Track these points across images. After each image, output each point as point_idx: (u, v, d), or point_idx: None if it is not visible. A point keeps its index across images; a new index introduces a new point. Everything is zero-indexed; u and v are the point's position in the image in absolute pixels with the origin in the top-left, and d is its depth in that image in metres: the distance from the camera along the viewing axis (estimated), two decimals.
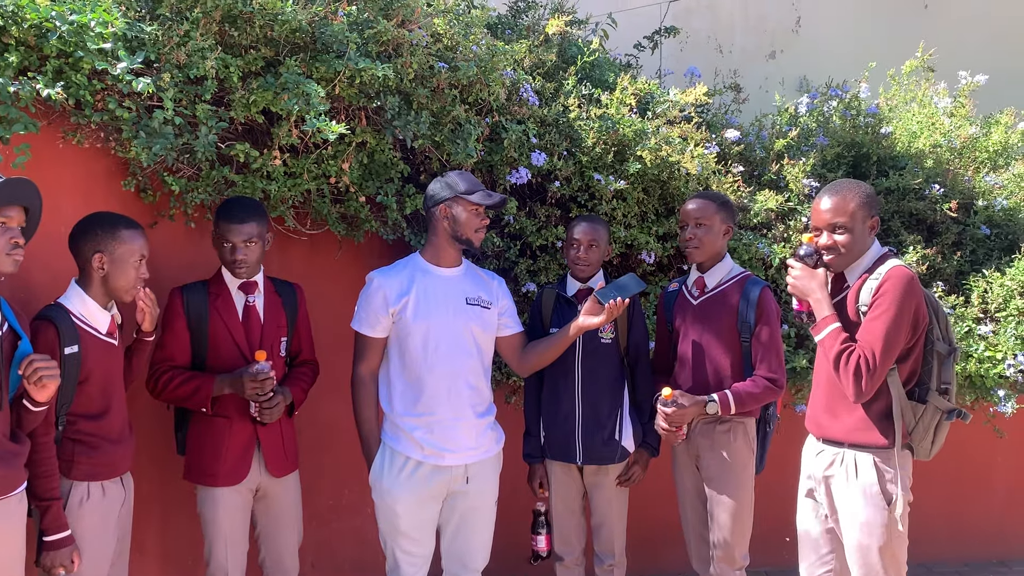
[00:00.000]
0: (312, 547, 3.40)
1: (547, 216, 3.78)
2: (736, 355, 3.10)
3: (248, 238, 2.87)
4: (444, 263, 2.95)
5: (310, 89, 2.89)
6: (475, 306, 2.95)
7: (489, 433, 3.00)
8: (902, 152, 4.75)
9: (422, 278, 2.92)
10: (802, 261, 2.72)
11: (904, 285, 2.58)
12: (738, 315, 3.07)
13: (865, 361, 2.55)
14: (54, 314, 2.52)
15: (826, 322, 2.66)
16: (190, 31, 2.83)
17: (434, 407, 2.86)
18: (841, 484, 2.70)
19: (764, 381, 3.04)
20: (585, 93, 3.95)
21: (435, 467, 2.87)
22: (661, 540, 4.01)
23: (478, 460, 2.95)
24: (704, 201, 3.13)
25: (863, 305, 2.65)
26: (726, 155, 4.27)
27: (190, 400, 2.88)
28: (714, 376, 3.09)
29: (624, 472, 3.23)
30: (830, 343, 2.63)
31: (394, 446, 2.89)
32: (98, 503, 2.60)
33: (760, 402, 3.07)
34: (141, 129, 2.79)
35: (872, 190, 2.73)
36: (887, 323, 2.56)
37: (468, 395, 2.91)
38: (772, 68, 6.18)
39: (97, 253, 2.56)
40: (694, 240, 3.11)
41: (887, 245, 4.39)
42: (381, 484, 2.89)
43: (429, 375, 2.86)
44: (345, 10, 3.12)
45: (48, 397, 2.31)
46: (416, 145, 3.34)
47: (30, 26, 2.55)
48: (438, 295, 2.90)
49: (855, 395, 2.59)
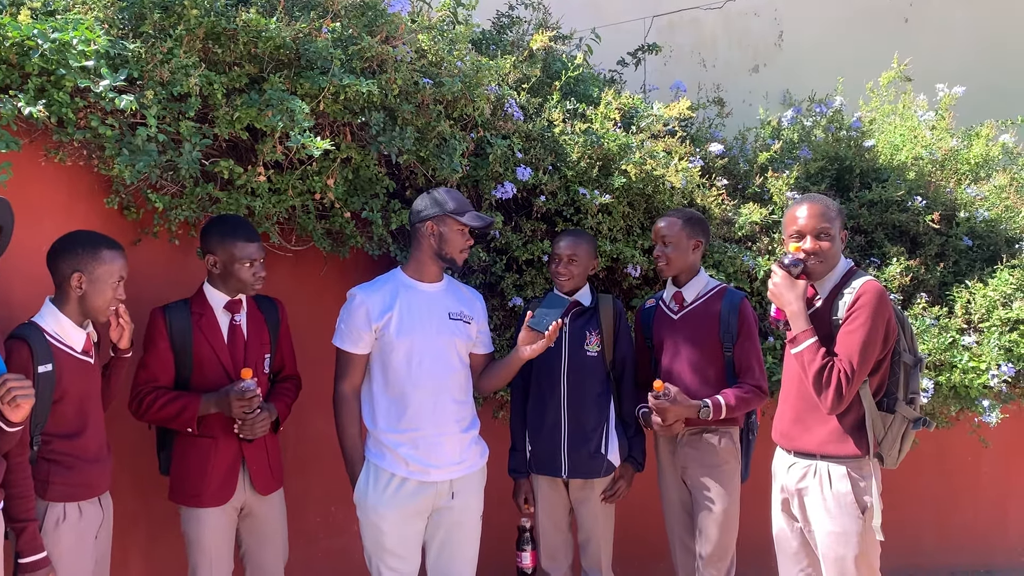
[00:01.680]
0: (299, 565, 3.37)
1: (533, 231, 3.79)
2: (719, 365, 3.14)
3: (262, 253, 2.93)
4: (427, 278, 2.96)
5: (294, 105, 2.89)
6: (458, 321, 2.96)
7: (474, 448, 3.00)
8: (885, 164, 4.79)
9: (405, 293, 2.92)
10: (786, 269, 2.75)
11: (877, 299, 2.63)
12: (720, 325, 3.12)
13: (844, 375, 2.59)
14: (27, 333, 2.49)
15: (804, 336, 2.68)
16: (173, 48, 2.83)
17: (419, 423, 2.85)
18: (815, 496, 2.72)
19: (751, 387, 3.10)
20: (570, 108, 3.97)
21: (420, 483, 2.86)
22: (648, 554, 4.00)
23: (463, 475, 2.94)
24: (670, 219, 3.20)
25: (838, 319, 2.68)
26: (710, 168, 4.29)
27: (175, 420, 2.85)
28: (700, 386, 3.12)
29: (609, 487, 3.23)
30: (809, 357, 2.65)
31: (378, 463, 2.88)
32: (74, 524, 2.57)
33: (749, 407, 3.12)
34: (124, 146, 2.78)
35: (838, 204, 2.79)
36: (863, 336, 2.60)
37: (453, 410, 2.91)
38: (755, 82, 6.23)
39: (76, 272, 2.54)
40: (662, 258, 3.19)
41: (870, 256, 4.42)
42: (366, 502, 2.88)
43: (413, 391, 2.86)
44: (329, 27, 3.12)
45: (22, 417, 2.28)
46: (401, 160, 3.34)
47: (12, 44, 2.53)
48: (422, 311, 2.90)
49: (832, 407, 2.62)
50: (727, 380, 3.14)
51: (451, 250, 2.90)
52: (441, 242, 2.90)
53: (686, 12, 6.44)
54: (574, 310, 3.24)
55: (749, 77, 6.36)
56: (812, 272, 2.76)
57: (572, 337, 3.22)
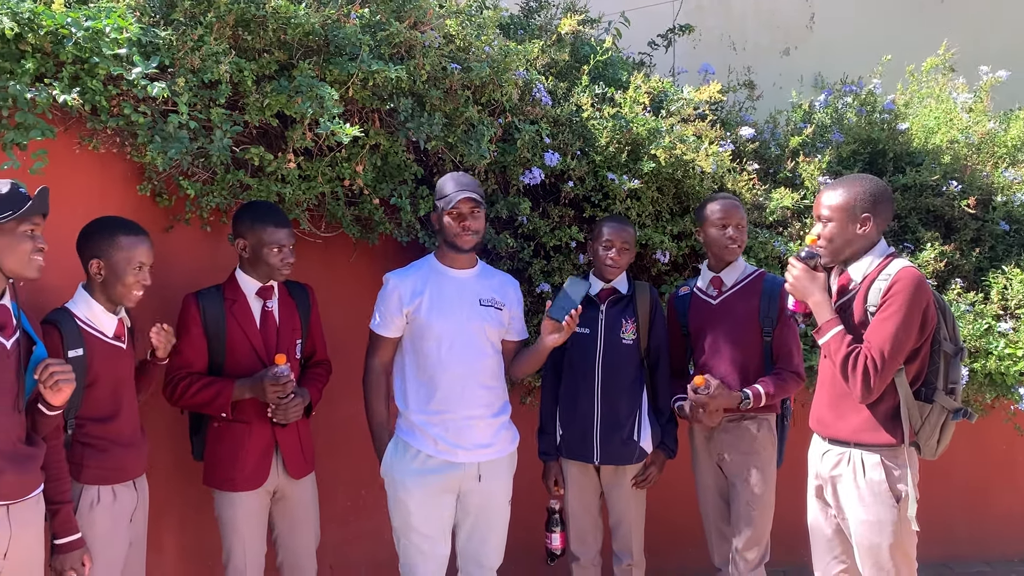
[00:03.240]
0: (330, 548, 3.41)
1: (560, 216, 3.77)
2: (757, 350, 3.14)
3: (292, 240, 2.94)
4: (457, 265, 2.97)
5: (324, 92, 2.90)
6: (489, 307, 2.96)
7: (503, 432, 3.01)
8: (919, 148, 4.71)
9: (436, 279, 2.94)
10: (803, 262, 2.74)
11: (914, 286, 2.57)
12: (760, 311, 3.12)
13: (872, 362, 2.55)
14: (58, 318, 2.54)
15: (829, 325, 2.66)
16: (204, 36, 2.85)
17: (448, 406, 2.88)
18: (848, 484, 2.69)
19: (789, 374, 3.11)
20: (598, 92, 3.94)
21: (446, 462, 2.89)
22: (680, 539, 3.99)
23: (491, 459, 2.95)
24: (736, 203, 3.20)
25: (871, 306, 2.64)
26: (741, 153, 4.24)
27: (210, 406, 2.88)
28: (740, 372, 3.12)
29: (640, 473, 3.23)
30: (835, 346, 2.63)
31: (408, 440, 2.93)
32: (108, 507, 2.61)
33: (786, 394, 3.13)
34: (156, 134, 2.81)
35: (877, 188, 2.72)
36: (896, 324, 2.55)
37: (482, 394, 2.93)
38: (786, 65, 6.14)
39: (94, 259, 2.58)
40: (736, 241, 3.17)
41: (904, 242, 4.36)
42: (392, 475, 2.93)
43: (443, 375, 2.88)
44: (358, 12, 3.13)
45: (63, 401, 2.34)
46: (429, 147, 3.34)
47: (46, 33, 2.56)
48: (452, 296, 2.91)
49: (862, 396, 2.59)
50: (764, 365, 3.14)
51: (449, 234, 2.92)
52: (443, 229, 2.93)
53: None
54: (610, 297, 3.24)
55: (780, 60, 6.27)
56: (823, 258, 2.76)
57: (608, 324, 3.21)
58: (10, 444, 2.26)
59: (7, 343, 2.28)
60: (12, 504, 2.26)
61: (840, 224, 2.70)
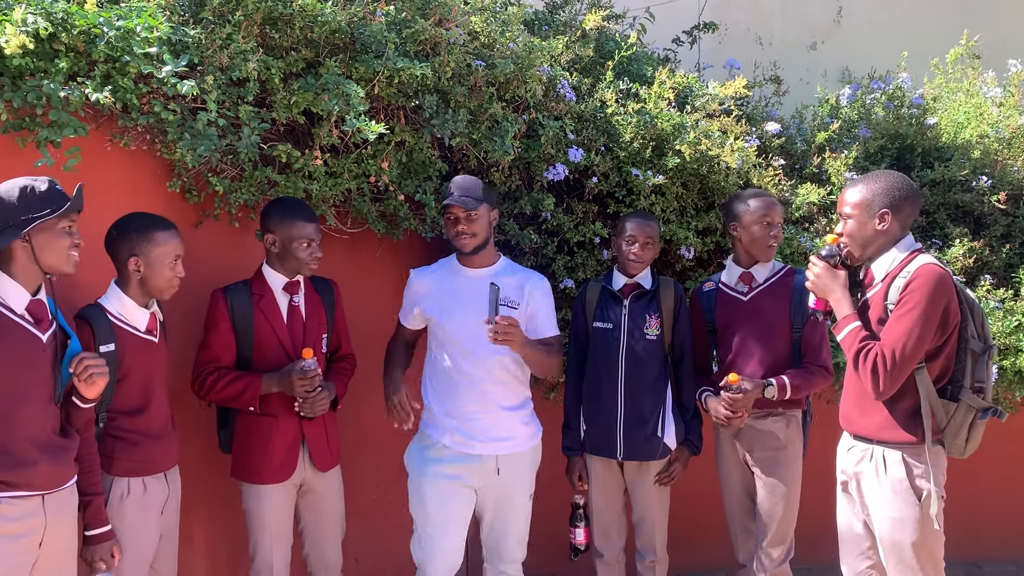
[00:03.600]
0: (355, 542, 3.44)
1: (584, 212, 3.78)
2: (787, 345, 3.15)
3: (319, 235, 2.99)
4: (472, 264, 3.02)
5: (350, 89, 2.93)
6: (504, 306, 2.96)
7: (522, 427, 3.03)
8: (948, 143, 4.66)
9: (452, 278, 3.02)
10: (824, 260, 2.75)
11: (932, 284, 2.55)
12: (791, 305, 3.12)
13: (883, 359, 2.54)
14: (90, 313, 2.59)
15: (846, 321, 2.66)
16: (232, 34, 2.88)
17: (462, 401, 2.95)
18: (871, 480, 2.69)
19: (817, 368, 3.12)
20: (623, 88, 3.94)
21: (462, 454, 2.95)
22: (702, 535, 3.99)
23: (509, 452, 2.98)
24: (773, 199, 3.21)
25: (891, 303, 2.63)
26: (766, 148, 4.22)
27: (238, 400, 2.92)
28: (768, 368, 3.12)
29: (664, 469, 3.23)
30: (849, 342, 2.64)
31: (427, 431, 3.03)
32: (139, 499, 2.66)
33: (813, 388, 3.14)
34: (186, 131, 2.85)
35: (898, 184, 2.70)
36: (911, 322, 2.54)
37: (496, 391, 2.97)
38: (813, 59, 6.08)
39: (133, 257, 2.62)
40: (777, 239, 3.18)
41: (932, 238, 4.31)
42: (412, 463, 3.05)
43: (457, 371, 2.95)
44: (383, 10, 3.15)
45: (97, 394, 2.38)
46: (454, 143, 3.36)
47: (79, 32, 2.61)
48: (464, 295, 2.97)
49: (874, 393, 2.59)
50: (793, 362, 3.14)
51: (451, 238, 3.01)
52: (447, 231, 3.02)
53: None
54: (634, 292, 3.23)
55: (807, 54, 6.21)
56: (848, 256, 2.77)
57: (631, 320, 3.21)
58: (45, 435, 2.32)
59: (43, 337, 2.33)
60: (47, 494, 2.32)
61: (859, 221, 2.71)
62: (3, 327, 2.24)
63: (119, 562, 2.57)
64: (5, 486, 2.23)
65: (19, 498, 2.25)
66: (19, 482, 2.25)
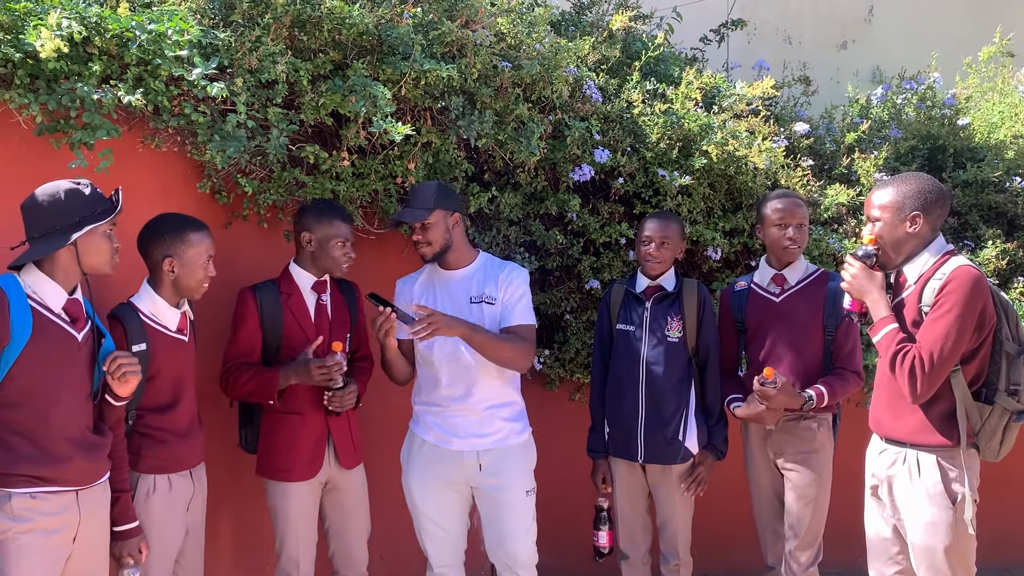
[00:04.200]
0: (380, 540, 3.46)
1: (610, 213, 3.77)
2: (818, 348, 3.12)
3: (353, 236, 3.05)
4: (447, 266, 3.01)
5: (377, 91, 2.95)
6: (480, 303, 2.96)
7: (505, 424, 2.99)
8: (981, 143, 4.59)
9: (431, 281, 3.03)
10: (860, 261, 2.71)
11: (969, 285, 2.52)
12: (825, 308, 3.10)
13: (920, 362, 2.51)
14: (123, 313, 2.64)
15: (884, 323, 2.63)
16: (261, 37, 2.92)
17: (444, 399, 2.97)
18: (904, 484, 2.66)
19: (851, 374, 3.09)
20: (649, 88, 3.93)
21: (444, 451, 2.97)
22: (728, 539, 3.96)
23: (491, 448, 2.96)
24: (796, 201, 3.17)
25: (925, 305, 2.60)
26: (795, 148, 4.19)
27: (258, 394, 2.95)
28: (800, 371, 3.09)
29: (688, 473, 3.20)
30: (887, 344, 2.60)
31: (414, 428, 3.07)
32: (164, 495, 2.69)
33: (847, 394, 3.11)
34: (216, 133, 2.89)
35: (928, 185, 2.67)
36: (948, 324, 2.51)
37: (477, 389, 2.95)
38: (843, 59, 6.02)
39: (167, 257, 2.65)
40: (797, 241, 3.14)
41: (964, 239, 4.25)
42: (403, 462, 3.09)
43: (437, 369, 2.97)
44: (410, 12, 3.17)
45: (130, 392, 2.42)
46: (480, 144, 3.37)
47: (112, 36, 2.66)
48: (443, 296, 2.98)
49: (911, 396, 2.55)
50: (824, 365, 3.11)
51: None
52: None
53: None
54: (656, 294, 3.22)
55: (837, 54, 6.16)
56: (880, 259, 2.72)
57: (653, 322, 3.19)
58: (80, 432, 2.36)
59: (79, 336, 2.38)
60: (81, 490, 2.36)
61: (890, 224, 2.67)
62: (41, 326, 2.28)
63: (145, 558, 2.60)
64: (41, 481, 2.27)
65: (54, 493, 2.29)
66: (55, 478, 2.29)
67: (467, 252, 3.03)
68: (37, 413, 2.27)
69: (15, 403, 2.25)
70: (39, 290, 2.31)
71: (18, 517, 2.23)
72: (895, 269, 2.75)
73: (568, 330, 3.83)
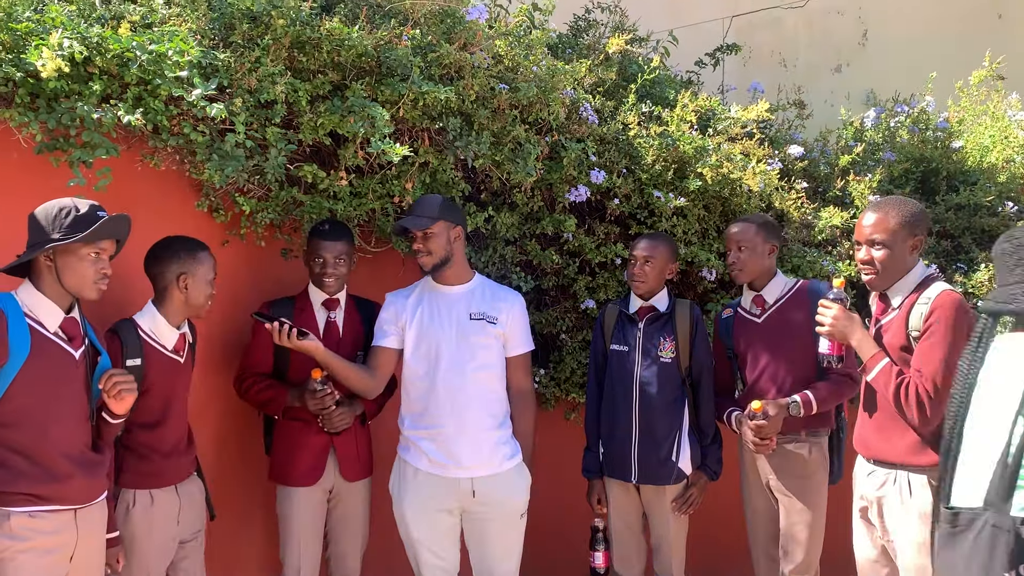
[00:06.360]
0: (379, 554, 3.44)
1: (606, 233, 3.79)
2: (810, 362, 3.06)
3: (338, 255, 3.06)
4: (445, 281, 3.02)
5: (375, 112, 2.97)
6: (480, 320, 2.98)
7: (499, 448, 2.99)
8: (974, 167, 4.63)
9: (427, 297, 3.02)
10: (838, 303, 2.70)
11: (956, 310, 2.56)
12: (811, 319, 3.03)
13: (926, 392, 2.53)
14: (121, 327, 2.67)
15: (876, 359, 2.64)
16: (261, 57, 2.94)
17: (438, 421, 2.92)
18: (895, 505, 2.67)
19: (840, 376, 3.03)
20: (645, 111, 3.96)
21: (439, 478, 2.93)
22: (722, 559, 3.96)
23: (486, 475, 2.95)
24: (743, 224, 3.18)
25: (914, 330, 2.62)
26: (789, 171, 4.22)
27: (267, 407, 3.09)
28: (791, 386, 3.07)
29: (681, 494, 3.20)
30: (884, 380, 2.61)
31: (404, 456, 3.01)
32: (145, 510, 2.69)
33: (840, 398, 3.07)
34: (214, 152, 2.91)
35: (921, 209, 2.71)
36: (944, 350, 2.53)
37: (474, 409, 2.94)
38: (837, 82, 6.09)
39: (182, 274, 2.69)
40: (737, 263, 3.15)
41: (957, 262, 4.28)
42: (395, 493, 3.03)
43: (433, 390, 2.93)
44: (409, 34, 3.20)
45: (126, 409, 2.43)
46: (477, 165, 3.40)
47: (112, 56, 2.68)
48: (441, 311, 2.98)
49: (921, 425, 2.57)
50: (819, 375, 3.07)
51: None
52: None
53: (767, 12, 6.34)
54: (649, 315, 3.24)
55: (831, 77, 6.22)
56: (870, 283, 2.72)
57: (646, 342, 3.20)
58: (79, 450, 2.36)
59: (76, 354, 2.38)
60: (79, 509, 2.36)
61: (897, 249, 2.67)
62: (38, 344, 2.29)
63: (122, 568, 2.61)
64: (40, 500, 2.27)
65: (53, 512, 2.29)
66: (54, 496, 2.29)
67: (465, 270, 3.06)
68: (36, 431, 2.27)
69: (14, 422, 2.25)
70: (36, 309, 2.32)
71: (17, 536, 2.23)
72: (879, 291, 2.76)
73: (563, 350, 3.84)
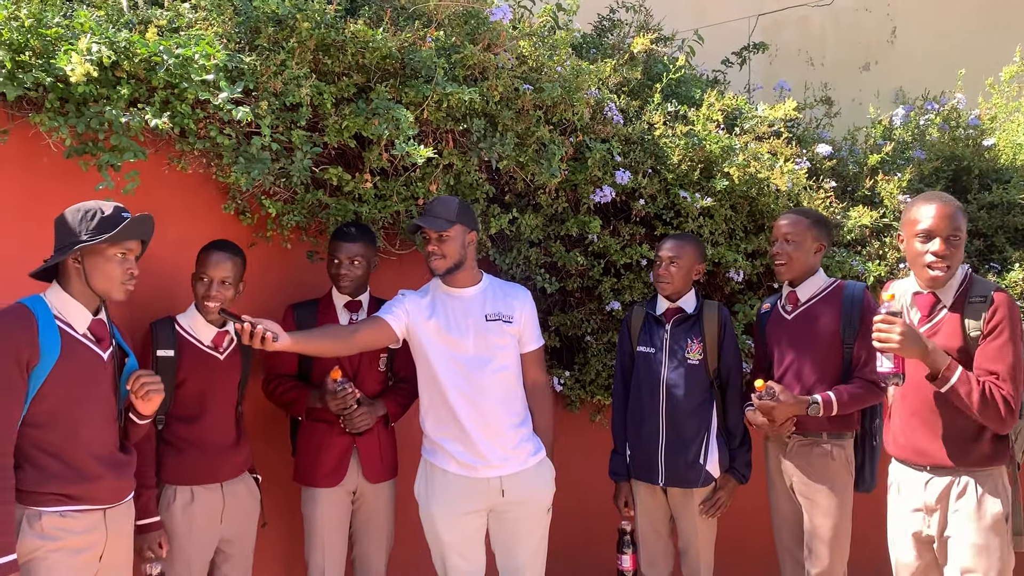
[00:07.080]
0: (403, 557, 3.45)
1: (631, 234, 3.77)
2: (837, 363, 3.02)
3: (353, 257, 3.05)
4: (457, 284, 2.98)
5: (399, 114, 2.97)
6: (496, 321, 2.96)
7: (524, 445, 2.98)
8: (1006, 164, 4.56)
9: (442, 299, 2.98)
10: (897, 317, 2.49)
11: (1014, 307, 2.54)
12: (842, 318, 3.01)
13: (1008, 392, 2.48)
14: (158, 322, 2.80)
15: (952, 369, 2.49)
16: (286, 60, 2.95)
17: (463, 423, 2.89)
18: (960, 510, 2.58)
19: (865, 382, 2.95)
20: (671, 110, 3.93)
21: (468, 479, 2.91)
22: (750, 562, 3.92)
23: (513, 472, 2.93)
24: (796, 217, 3.10)
25: (973, 330, 2.55)
26: (817, 170, 4.17)
27: (291, 408, 3.11)
28: (816, 386, 3.01)
29: (709, 497, 3.17)
30: (966, 388, 2.48)
31: (431, 459, 2.98)
32: (184, 507, 2.75)
33: (863, 403, 2.98)
34: (240, 155, 2.92)
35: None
36: (1015, 349, 2.51)
37: (497, 409, 2.92)
38: (866, 80, 6.01)
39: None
40: (782, 256, 3.08)
41: (990, 261, 4.21)
42: (421, 496, 2.99)
43: (456, 392, 2.90)
44: (433, 36, 3.20)
45: (153, 410, 2.46)
46: (501, 166, 3.39)
47: (140, 60, 2.70)
48: (458, 314, 2.95)
49: (1001, 428, 2.52)
50: (844, 375, 3.01)
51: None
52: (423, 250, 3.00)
53: (793, 10, 6.28)
54: (676, 316, 3.21)
55: (860, 75, 6.15)
56: (937, 281, 2.60)
57: (673, 343, 3.18)
58: (107, 451, 2.39)
59: (104, 355, 2.41)
60: (108, 508, 2.39)
61: (960, 244, 2.58)
62: (68, 346, 2.31)
63: (166, 553, 2.66)
64: (70, 500, 2.30)
65: (83, 512, 2.32)
66: (84, 496, 2.32)
67: (475, 272, 3.04)
68: (66, 432, 2.30)
69: (44, 422, 2.28)
70: (65, 311, 2.34)
71: (48, 535, 2.25)
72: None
73: (588, 351, 3.83)
